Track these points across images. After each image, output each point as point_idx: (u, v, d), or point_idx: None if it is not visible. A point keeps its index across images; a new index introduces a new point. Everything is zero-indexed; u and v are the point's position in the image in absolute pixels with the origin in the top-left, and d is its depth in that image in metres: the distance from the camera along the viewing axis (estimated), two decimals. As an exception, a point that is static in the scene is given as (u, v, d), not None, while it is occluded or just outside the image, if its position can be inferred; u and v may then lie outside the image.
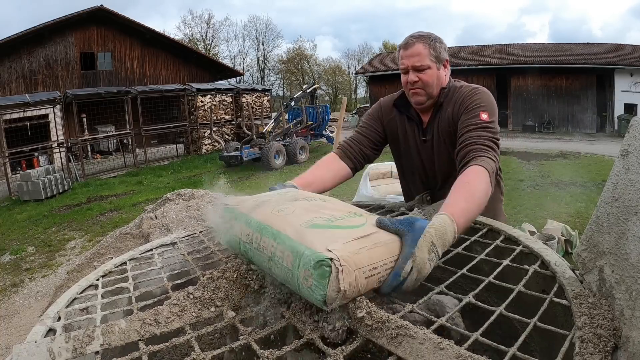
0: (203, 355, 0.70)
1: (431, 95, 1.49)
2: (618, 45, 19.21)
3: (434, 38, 1.47)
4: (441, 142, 1.51)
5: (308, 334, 0.76)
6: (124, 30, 17.67)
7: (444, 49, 1.48)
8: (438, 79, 1.47)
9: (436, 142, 1.53)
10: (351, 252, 0.75)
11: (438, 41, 1.47)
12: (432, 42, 1.45)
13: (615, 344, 0.67)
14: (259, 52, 42.69)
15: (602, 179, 7.34)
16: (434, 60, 1.45)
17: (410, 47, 1.45)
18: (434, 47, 1.45)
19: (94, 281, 1.14)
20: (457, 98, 1.46)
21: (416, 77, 1.45)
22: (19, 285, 5.23)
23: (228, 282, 0.91)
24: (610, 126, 17.89)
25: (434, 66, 1.45)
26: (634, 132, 0.74)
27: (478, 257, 1.03)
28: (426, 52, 1.44)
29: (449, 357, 0.63)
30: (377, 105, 1.70)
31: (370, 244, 0.80)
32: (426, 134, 1.55)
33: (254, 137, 13.20)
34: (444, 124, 1.48)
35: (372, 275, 0.77)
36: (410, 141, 1.60)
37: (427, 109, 1.55)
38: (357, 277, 0.74)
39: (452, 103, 1.47)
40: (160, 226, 2.76)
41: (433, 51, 1.44)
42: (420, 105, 1.53)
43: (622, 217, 0.73)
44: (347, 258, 0.73)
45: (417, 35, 1.48)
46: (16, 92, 14.35)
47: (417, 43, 1.45)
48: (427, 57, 1.44)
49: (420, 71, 1.45)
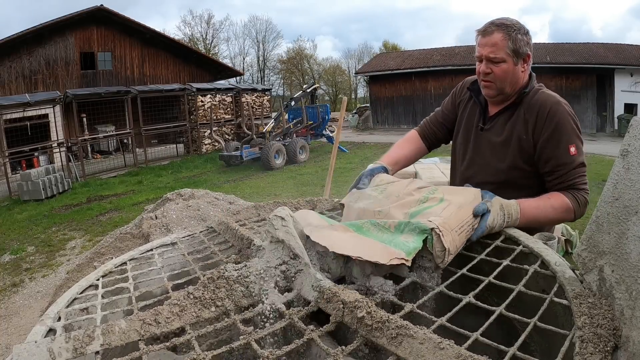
0: (203, 355, 0.70)
1: (502, 90, 1.40)
2: (618, 45, 19.20)
3: (517, 28, 1.35)
4: (504, 140, 1.44)
5: (308, 334, 0.76)
6: (124, 30, 17.67)
7: (525, 42, 1.36)
8: (513, 75, 1.37)
9: (495, 136, 1.46)
10: (445, 219, 0.99)
11: (521, 32, 1.35)
12: (513, 32, 1.33)
13: (615, 343, 0.67)
14: (259, 52, 42.77)
15: (602, 179, 7.33)
16: (510, 53, 1.34)
17: (488, 35, 1.35)
18: (514, 39, 1.33)
19: (94, 281, 1.14)
20: (541, 112, 1.35)
21: (489, 68, 1.37)
22: (19, 285, 5.23)
23: (228, 282, 0.91)
24: (610, 126, 17.90)
25: (510, 60, 1.35)
26: (634, 132, 0.74)
27: (478, 257, 1.03)
28: (504, 43, 1.33)
29: (449, 357, 0.63)
30: (459, 85, 1.66)
31: (455, 208, 1.04)
32: (486, 123, 1.50)
33: (254, 136, 13.21)
34: (520, 127, 1.40)
35: (462, 232, 1.01)
36: (468, 124, 1.57)
37: (498, 102, 1.47)
38: (452, 237, 0.97)
39: (532, 111, 1.37)
40: (160, 226, 2.76)
41: (512, 43, 1.33)
42: (490, 98, 1.47)
43: (622, 217, 0.73)
44: (443, 224, 0.96)
45: (499, 22, 1.36)
46: (16, 92, 14.35)
47: (496, 32, 1.34)
48: (503, 49, 1.33)
49: (494, 63, 1.36)
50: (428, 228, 0.94)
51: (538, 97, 1.39)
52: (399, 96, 22.10)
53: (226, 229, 1.38)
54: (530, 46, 1.39)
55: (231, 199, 3.65)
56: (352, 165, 11.67)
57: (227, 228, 1.38)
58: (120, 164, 14.70)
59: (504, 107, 1.46)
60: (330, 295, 0.84)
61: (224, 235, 1.38)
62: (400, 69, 21.75)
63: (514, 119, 1.42)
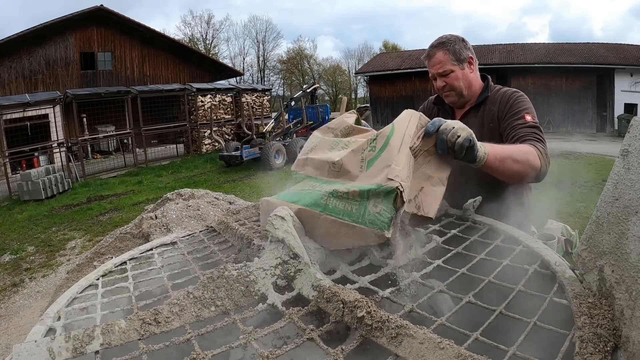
0: (203, 354, 0.70)
1: (461, 94, 1.60)
2: (618, 45, 19.19)
3: (452, 40, 1.56)
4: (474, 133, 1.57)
5: (308, 334, 0.76)
6: (124, 30, 17.67)
7: (464, 47, 1.57)
8: (464, 78, 1.58)
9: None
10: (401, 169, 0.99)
11: (456, 43, 1.56)
12: (450, 45, 1.55)
13: (615, 343, 0.67)
14: (259, 52, 42.72)
15: (602, 179, 7.34)
16: (455, 62, 1.56)
17: (432, 57, 1.59)
18: (452, 50, 1.55)
19: (94, 281, 1.14)
20: (502, 99, 1.55)
21: (443, 82, 1.59)
22: (19, 285, 5.23)
23: (228, 281, 0.91)
24: (610, 126, 17.88)
25: (456, 68, 1.56)
26: (634, 132, 0.74)
27: (478, 257, 1.03)
28: (446, 58, 1.55)
29: (449, 357, 0.63)
30: (423, 105, 1.85)
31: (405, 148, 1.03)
32: None
33: (254, 137, 13.20)
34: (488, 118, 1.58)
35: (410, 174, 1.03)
36: None
37: (461, 106, 1.67)
38: (408, 184, 0.99)
39: (495, 102, 1.57)
40: (160, 226, 2.76)
41: (452, 55, 1.55)
42: (454, 105, 1.67)
43: (622, 217, 0.73)
44: (402, 177, 0.97)
45: (436, 43, 1.59)
46: (16, 92, 14.36)
47: (437, 52, 1.57)
48: (448, 63, 1.56)
49: (445, 76, 1.58)
50: (392, 188, 0.96)
51: (499, 91, 1.60)
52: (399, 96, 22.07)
53: (226, 228, 1.38)
54: (470, 50, 1.59)
55: (231, 199, 3.64)
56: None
57: (227, 228, 1.38)
58: (120, 164, 14.69)
59: (468, 109, 1.65)
60: (330, 294, 0.84)
61: (224, 234, 1.38)
62: (401, 69, 21.73)
63: (481, 114, 1.60)
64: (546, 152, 1.39)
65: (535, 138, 1.41)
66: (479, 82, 1.64)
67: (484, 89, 1.63)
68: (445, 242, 1.13)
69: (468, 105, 1.65)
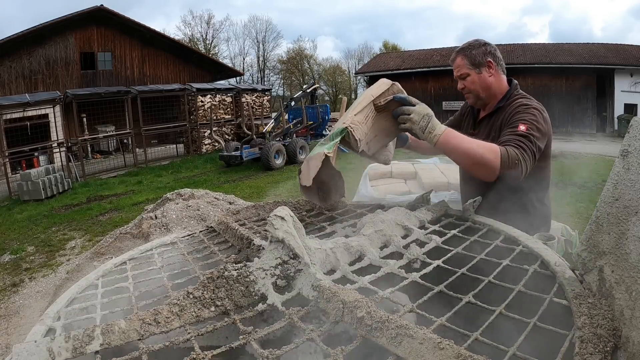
0: (203, 355, 0.70)
1: (478, 96, 1.68)
2: (618, 45, 19.20)
3: (471, 47, 1.65)
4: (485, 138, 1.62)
5: (308, 334, 0.76)
6: (124, 30, 17.67)
7: (483, 52, 1.64)
8: (481, 81, 1.65)
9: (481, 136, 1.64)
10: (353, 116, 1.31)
11: (474, 48, 1.64)
12: (467, 51, 1.65)
13: (615, 344, 0.67)
14: (259, 52, 42.72)
15: (602, 179, 7.34)
16: (470, 67, 1.64)
17: (453, 62, 1.72)
18: (469, 55, 1.64)
19: (93, 281, 1.14)
20: (510, 111, 1.59)
21: (462, 84, 1.70)
22: (19, 285, 5.23)
23: (228, 282, 0.91)
24: (610, 126, 17.89)
25: (472, 72, 1.65)
26: (634, 132, 0.74)
27: (478, 257, 1.03)
28: (463, 62, 1.66)
29: (449, 357, 0.63)
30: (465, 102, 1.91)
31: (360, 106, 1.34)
32: (475, 128, 1.75)
33: (254, 137, 13.20)
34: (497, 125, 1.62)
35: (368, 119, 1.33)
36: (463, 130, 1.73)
37: (483, 107, 1.74)
38: (362, 128, 1.30)
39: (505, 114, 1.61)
40: (160, 226, 2.76)
41: (468, 60, 1.64)
42: (475, 105, 1.76)
43: (622, 217, 0.73)
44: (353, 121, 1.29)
45: (459, 48, 1.70)
46: (16, 92, 14.35)
47: (456, 57, 1.69)
48: (464, 67, 1.66)
49: (463, 79, 1.68)
50: (343, 127, 1.28)
51: (515, 101, 1.62)
52: (399, 96, 22.06)
53: (226, 228, 1.38)
54: (489, 54, 1.64)
55: (231, 199, 3.65)
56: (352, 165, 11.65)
57: (226, 228, 1.38)
58: (120, 164, 14.69)
59: (489, 112, 1.70)
60: (330, 294, 0.84)
61: (224, 235, 1.38)
62: (401, 69, 21.73)
63: (491, 122, 1.67)
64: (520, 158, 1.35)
65: (515, 144, 1.39)
66: (502, 86, 1.68)
67: (503, 96, 1.66)
68: (445, 243, 1.13)
69: (488, 109, 1.71)
